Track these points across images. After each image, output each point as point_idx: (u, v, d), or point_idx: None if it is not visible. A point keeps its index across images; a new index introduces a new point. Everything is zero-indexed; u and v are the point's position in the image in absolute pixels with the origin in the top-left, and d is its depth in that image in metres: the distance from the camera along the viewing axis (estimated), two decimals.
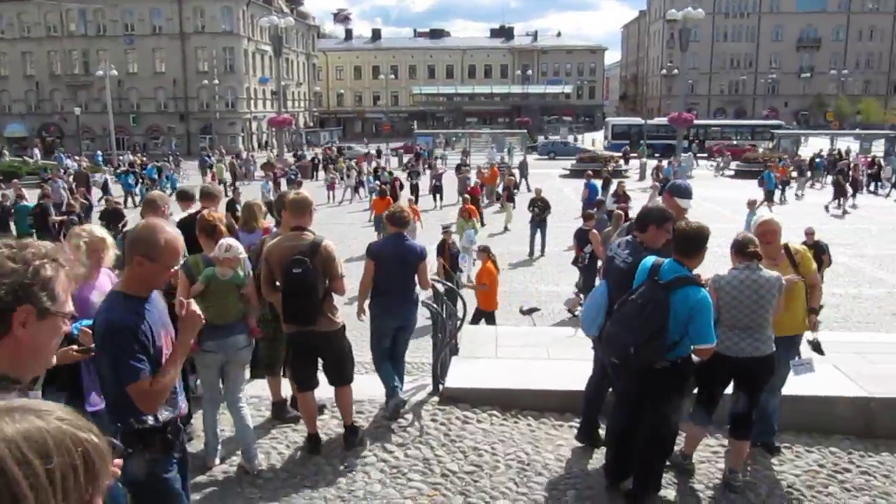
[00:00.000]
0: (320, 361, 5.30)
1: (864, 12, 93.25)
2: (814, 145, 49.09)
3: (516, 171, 30.97)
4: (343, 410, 5.39)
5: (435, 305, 6.49)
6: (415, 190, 25.51)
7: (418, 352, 8.94)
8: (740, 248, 4.75)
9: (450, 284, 7.90)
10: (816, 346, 5.42)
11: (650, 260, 4.45)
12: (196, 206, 7.02)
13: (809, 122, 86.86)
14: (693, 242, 4.30)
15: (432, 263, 14.08)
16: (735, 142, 52.54)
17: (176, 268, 3.11)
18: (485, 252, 9.75)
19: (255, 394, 6.24)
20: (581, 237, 12.02)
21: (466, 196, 18.23)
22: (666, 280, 4.22)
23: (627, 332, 4.29)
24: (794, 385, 5.41)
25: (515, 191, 24.17)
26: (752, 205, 14.95)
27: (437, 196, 25.98)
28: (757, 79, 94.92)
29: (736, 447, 4.89)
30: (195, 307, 3.05)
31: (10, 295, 1.60)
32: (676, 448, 5.03)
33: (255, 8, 69.61)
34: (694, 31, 61.96)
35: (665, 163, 32.75)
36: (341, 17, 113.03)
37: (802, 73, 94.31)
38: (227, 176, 33.04)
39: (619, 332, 4.39)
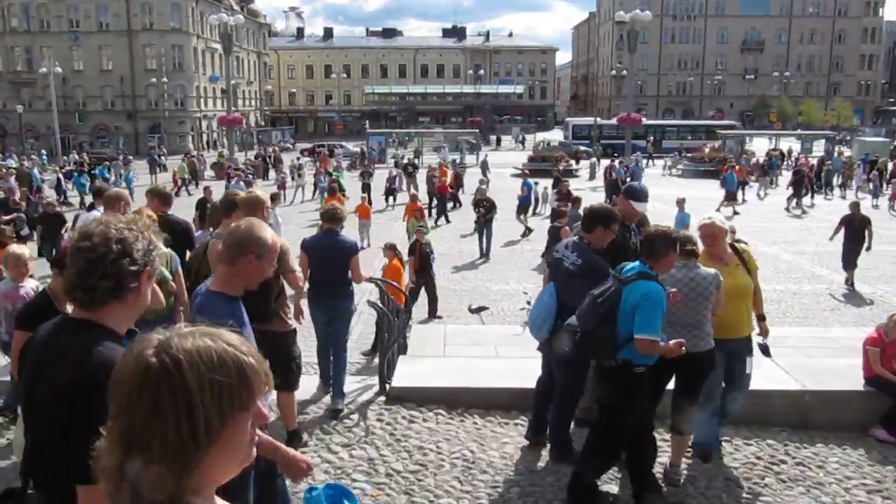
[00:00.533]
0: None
1: (805, 16, 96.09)
2: (758, 146, 50.29)
3: (478, 170, 31.24)
4: (285, 416, 5.33)
5: (381, 305, 6.48)
6: (366, 189, 25.37)
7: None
8: (679, 247, 4.84)
9: (395, 284, 7.88)
10: (765, 350, 5.57)
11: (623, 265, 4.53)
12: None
13: (754, 122, 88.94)
14: (656, 244, 4.33)
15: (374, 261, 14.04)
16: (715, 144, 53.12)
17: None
18: (391, 250, 9.73)
19: None
20: (554, 234, 12.02)
21: (415, 193, 18.21)
22: (625, 276, 4.31)
23: (580, 321, 4.41)
24: None
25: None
26: (681, 203, 15.33)
27: (391, 197, 25.91)
28: (703, 80, 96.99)
29: (676, 441, 4.98)
30: (310, 461, 3.00)
31: (143, 258, 2.03)
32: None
33: (205, 5, 68.40)
34: (642, 33, 62.79)
35: (616, 163, 33.10)
36: (293, 16, 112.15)
37: (747, 75, 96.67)
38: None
39: (574, 322, 4.49)
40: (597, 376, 4.65)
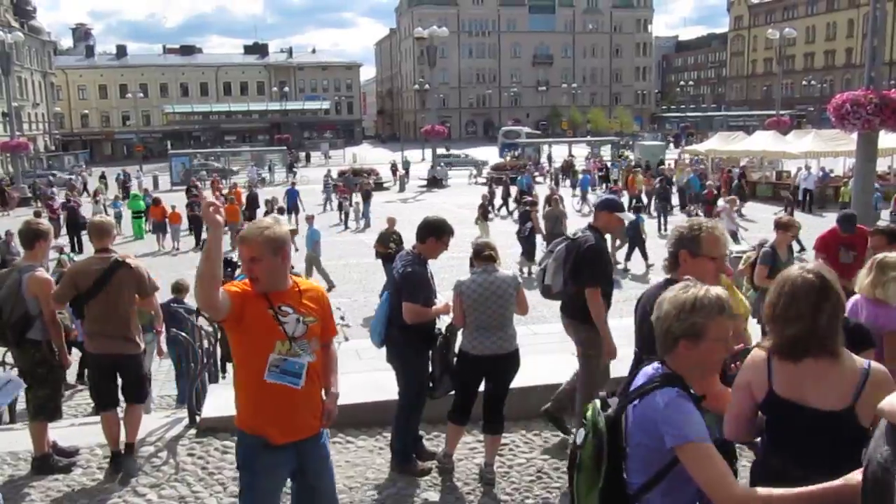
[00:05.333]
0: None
1: (586, 32, 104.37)
2: (556, 152, 53.45)
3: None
4: (131, 428, 5.29)
5: (184, 334, 6.17)
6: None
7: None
8: (477, 253, 5.04)
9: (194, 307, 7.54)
10: None
11: None
12: None
13: (548, 131, 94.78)
14: None
15: None
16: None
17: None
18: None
19: (10, 449, 5.56)
20: (524, 216, 16.06)
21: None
22: None
23: None
24: (541, 374, 5.76)
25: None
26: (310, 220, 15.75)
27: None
28: (501, 92, 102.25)
29: (490, 441, 5.12)
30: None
31: None
32: (440, 449, 5.22)
33: None
34: (441, 49, 65.09)
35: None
36: (81, 34, 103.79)
37: (539, 87, 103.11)
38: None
39: None
40: None
